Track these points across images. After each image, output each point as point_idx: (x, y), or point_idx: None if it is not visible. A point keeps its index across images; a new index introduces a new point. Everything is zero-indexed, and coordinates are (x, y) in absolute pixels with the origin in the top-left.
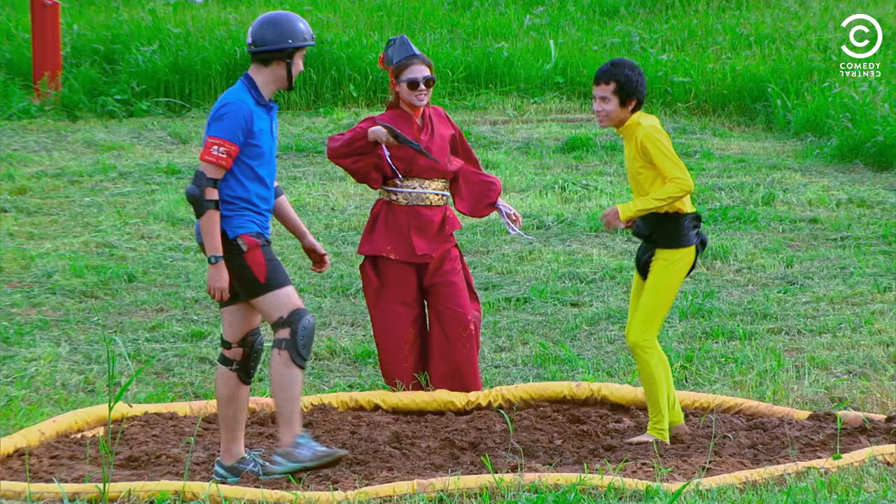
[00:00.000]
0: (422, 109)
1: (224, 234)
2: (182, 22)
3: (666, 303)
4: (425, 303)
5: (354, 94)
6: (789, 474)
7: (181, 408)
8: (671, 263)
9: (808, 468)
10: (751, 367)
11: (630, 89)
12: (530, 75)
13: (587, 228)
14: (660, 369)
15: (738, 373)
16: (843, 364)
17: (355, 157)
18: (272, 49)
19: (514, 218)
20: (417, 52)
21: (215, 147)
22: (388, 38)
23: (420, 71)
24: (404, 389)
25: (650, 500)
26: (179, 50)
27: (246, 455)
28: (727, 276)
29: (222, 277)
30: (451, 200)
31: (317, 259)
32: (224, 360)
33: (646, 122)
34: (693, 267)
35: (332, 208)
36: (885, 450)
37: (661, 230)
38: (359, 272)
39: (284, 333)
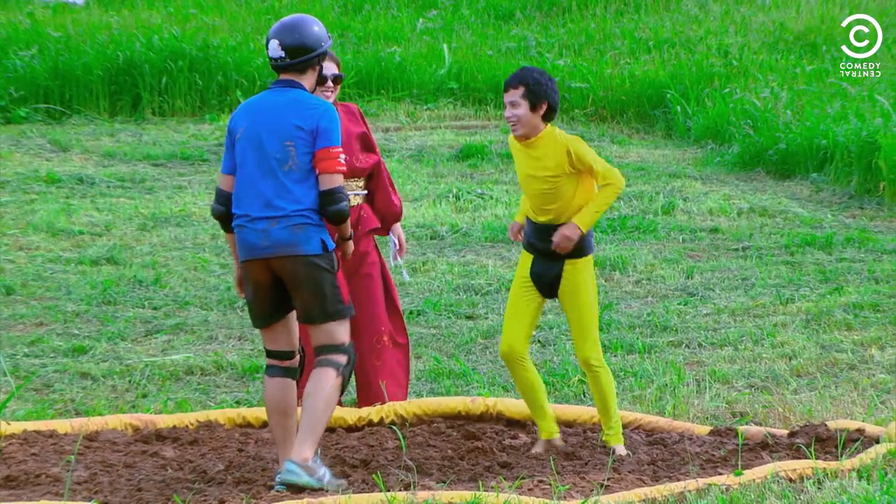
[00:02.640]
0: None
1: (324, 245)
2: (62, 25)
3: (596, 312)
4: None
5: (241, 100)
6: (690, 491)
7: (62, 425)
8: (586, 271)
9: (709, 485)
10: (650, 381)
11: (539, 93)
12: (423, 81)
13: (482, 239)
14: (612, 381)
15: (638, 387)
16: (744, 378)
17: None
18: (314, 56)
19: (400, 248)
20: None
21: (342, 156)
22: None
23: (328, 68)
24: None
25: None
26: (60, 54)
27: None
28: (626, 288)
29: None
30: (368, 199)
31: None
32: (287, 372)
33: (561, 132)
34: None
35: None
36: (788, 466)
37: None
38: None
39: (342, 359)
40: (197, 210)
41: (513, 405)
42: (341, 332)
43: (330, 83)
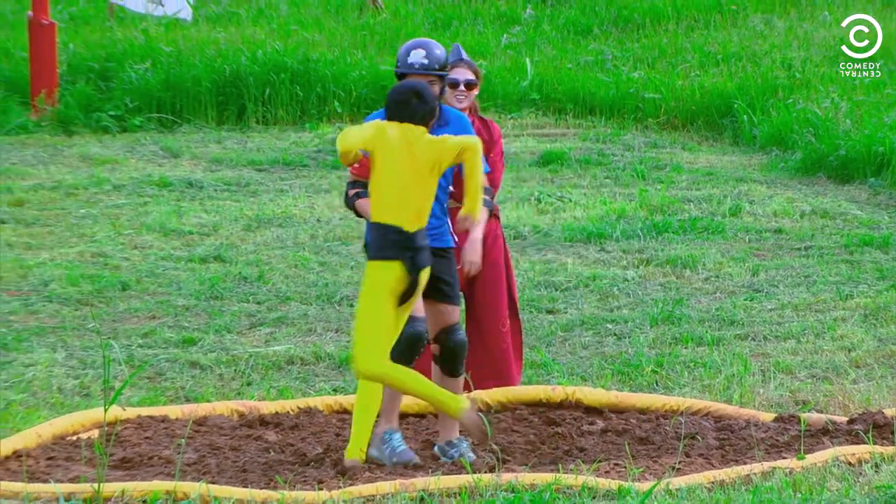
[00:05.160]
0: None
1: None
2: (174, 41)
3: (373, 320)
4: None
5: (339, 110)
6: (755, 474)
7: (173, 411)
8: (368, 276)
9: (774, 468)
10: (719, 371)
11: None
12: (507, 92)
13: (562, 239)
14: (371, 395)
15: (707, 377)
16: (806, 368)
17: None
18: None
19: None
20: (466, 58)
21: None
22: (370, 56)
23: (462, 73)
24: None
25: (622, 499)
26: (171, 68)
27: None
28: (696, 285)
29: None
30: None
31: None
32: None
33: None
34: (409, 291)
35: (318, 219)
36: (847, 450)
37: (371, 238)
38: (344, 280)
39: None
40: (297, 212)
41: (590, 393)
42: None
43: (462, 87)
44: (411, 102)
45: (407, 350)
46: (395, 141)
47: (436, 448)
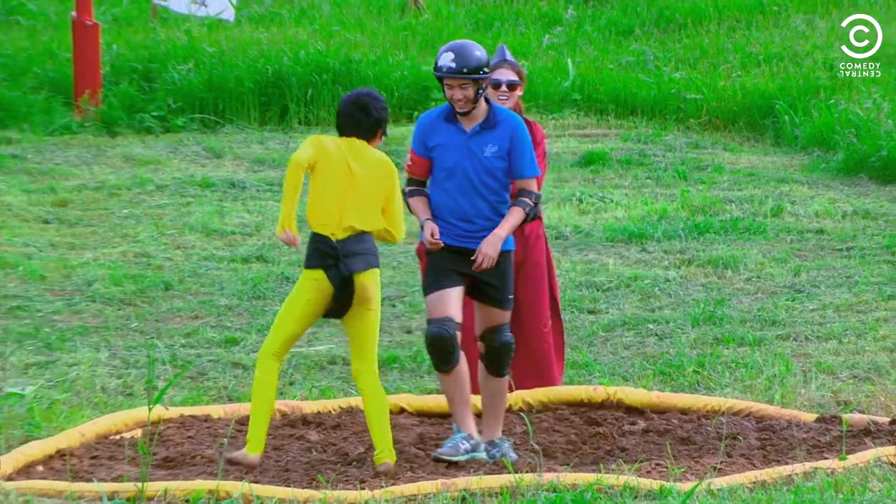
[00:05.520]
0: None
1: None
2: (216, 41)
3: (283, 317)
4: None
5: None
6: (797, 474)
7: (215, 410)
8: (298, 282)
9: (815, 468)
10: (760, 371)
11: None
12: (549, 92)
13: (603, 239)
14: (261, 390)
15: (748, 377)
16: (848, 369)
17: None
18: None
19: None
20: (509, 59)
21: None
22: (412, 56)
23: (505, 74)
24: None
25: (664, 499)
26: (214, 68)
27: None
28: (737, 285)
29: None
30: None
31: None
32: None
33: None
34: (339, 299)
35: None
36: (889, 451)
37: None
38: (386, 280)
39: None
40: None
41: (632, 393)
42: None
43: (504, 88)
44: (355, 116)
45: (430, 350)
46: (331, 153)
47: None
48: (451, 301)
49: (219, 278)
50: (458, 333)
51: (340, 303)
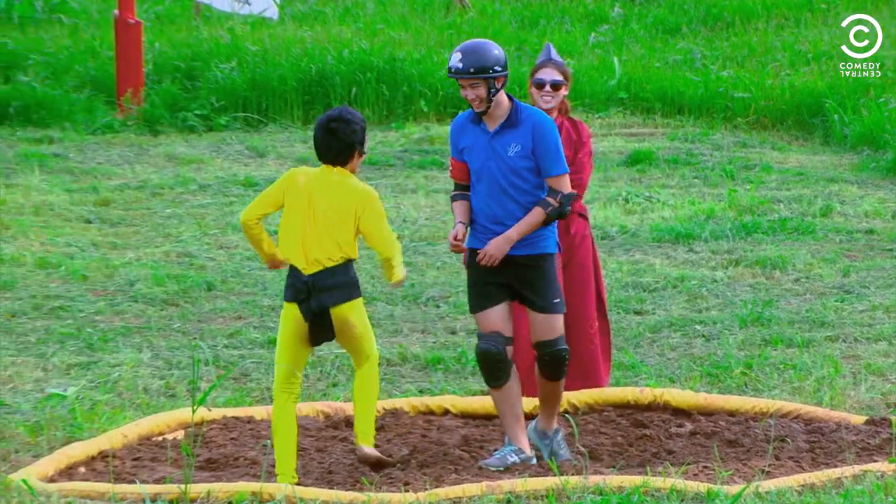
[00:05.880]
0: (552, 118)
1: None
2: (259, 40)
3: (278, 352)
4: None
5: (425, 109)
6: (846, 477)
7: (258, 412)
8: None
9: (865, 471)
10: (809, 373)
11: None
12: (595, 91)
13: (650, 239)
14: (278, 426)
15: (797, 379)
16: None
17: None
18: None
19: None
20: (554, 58)
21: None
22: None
23: (548, 74)
24: None
25: (711, 502)
26: (257, 67)
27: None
28: (786, 286)
29: None
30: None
31: None
32: None
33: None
34: (315, 331)
35: (404, 220)
36: None
37: None
38: (430, 281)
39: None
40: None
41: (679, 395)
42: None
43: (548, 87)
44: (325, 141)
45: (480, 366)
46: (298, 189)
47: (530, 430)
48: (497, 316)
49: (262, 278)
50: (509, 348)
51: (317, 335)
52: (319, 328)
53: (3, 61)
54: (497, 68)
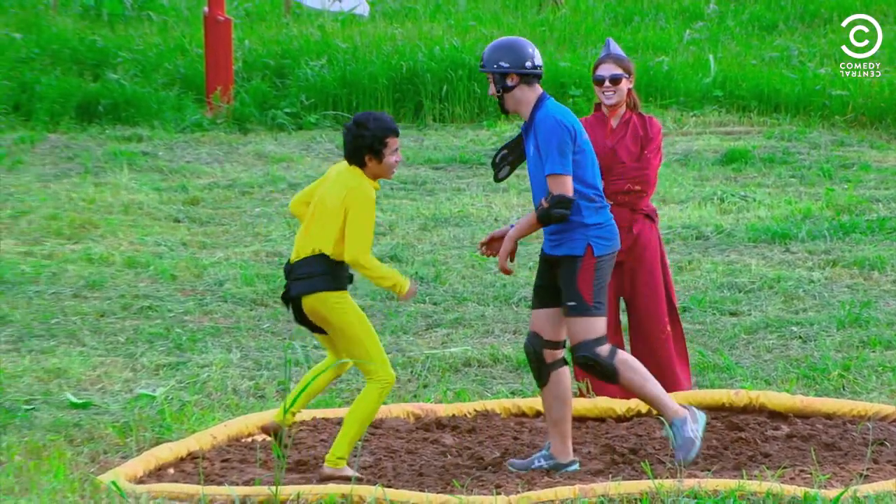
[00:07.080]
0: (619, 113)
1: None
2: (350, 37)
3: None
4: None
5: None
6: None
7: None
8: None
9: None
10: None
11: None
12: (690, 89)
13: (745, 239)
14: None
15: None
16: None
17: None
18: None
19: None
20: (615, 52)
21: None
22: (549, 52)
23: (608, 69)
24: None
25: None
26: (347, 64)
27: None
28: (884, 287)
29: None
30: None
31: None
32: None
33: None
34: (301, 323)
35: (496, 218)
36: None
37: None
38: (522, 281)
39: None
40: (475, 211)
41: (775, 397)
42: None
43: (607, 83)
44: (344, 139)
45: (529, 363)
46: (325, 178)
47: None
48: (538, 318)
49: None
50: (547, 351)
51: (302, 323)
52: (299, 315)
53: (92, 59)
54: (503, 64)
